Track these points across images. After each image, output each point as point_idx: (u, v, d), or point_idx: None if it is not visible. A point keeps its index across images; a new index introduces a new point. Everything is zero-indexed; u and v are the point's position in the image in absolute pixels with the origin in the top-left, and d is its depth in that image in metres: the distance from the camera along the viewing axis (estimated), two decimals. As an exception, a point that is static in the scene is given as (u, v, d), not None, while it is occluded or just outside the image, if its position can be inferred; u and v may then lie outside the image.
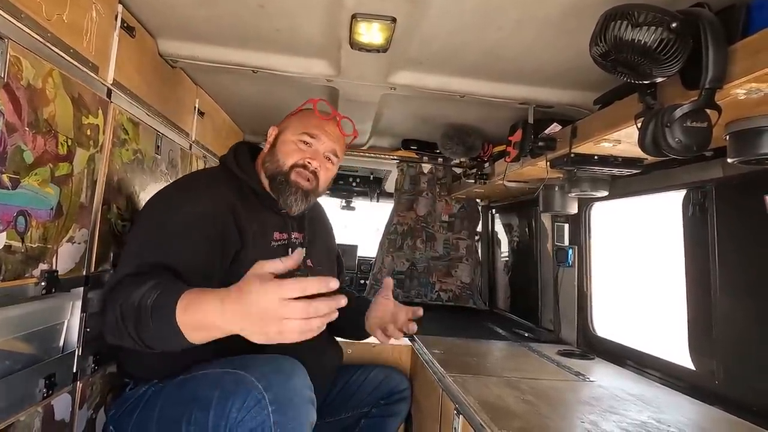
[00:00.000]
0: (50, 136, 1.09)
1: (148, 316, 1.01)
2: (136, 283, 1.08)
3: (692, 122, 0.99)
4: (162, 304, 1.01)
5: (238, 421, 1.08)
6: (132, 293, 1.06)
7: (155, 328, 1.01)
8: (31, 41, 1.00)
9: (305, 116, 1.55)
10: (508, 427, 1.15)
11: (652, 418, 1.32)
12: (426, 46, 1.49)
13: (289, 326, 0.91)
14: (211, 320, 0.98)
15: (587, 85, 1.68)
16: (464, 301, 3.19)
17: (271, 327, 0.92)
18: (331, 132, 1.53)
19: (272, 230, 1.47)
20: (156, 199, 1.38)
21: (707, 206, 1.55)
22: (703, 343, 1.57)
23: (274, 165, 1.49)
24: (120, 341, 1.11)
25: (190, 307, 0.99)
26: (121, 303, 1.07)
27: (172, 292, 1.03)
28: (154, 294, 1.03)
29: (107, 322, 1.10)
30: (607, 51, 0.99)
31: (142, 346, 1.07)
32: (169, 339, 1.02)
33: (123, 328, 1.06)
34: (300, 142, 1.49)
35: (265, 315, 0.92)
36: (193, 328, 1.00)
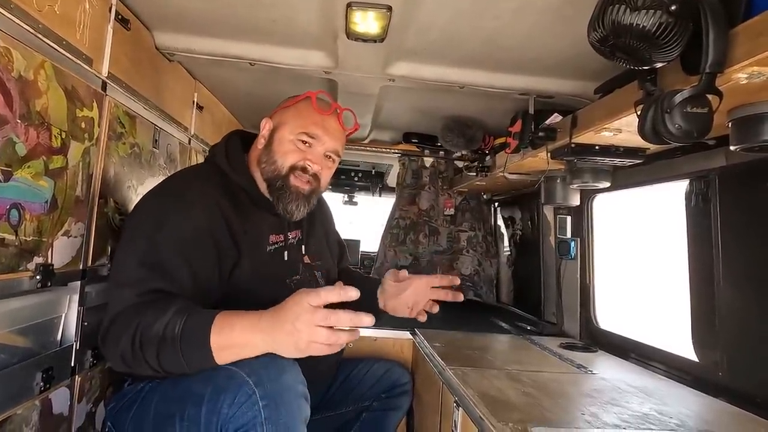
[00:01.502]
0: (43, 128, 1.08)
1: (176, 343, 1.05)
2: (149, 312, 1.09)
3: (692, 108, 0.97)
4: (193, 330, 1.06)
5: (230, 417, 1.07)
6: (149, 323, 1.07)
7: (185, 354, 1.06)
8: (21, 32, 0.99)
9: (303, 111, 1.43)
10: (507, 419, 1.14)
11: (654, 410, 1.31)
12: (423, 35, 1.47)
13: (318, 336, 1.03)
14: (247, 338, 1.07)
15: (588, 74, 1.65)
16: (464, 293, 3.16)
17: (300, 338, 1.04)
18: (332, 129, 1.42)
19: (268, 233, 1.41)
20: (143, 210, 1.30)
21: (710, 196, 1.53)
22: (706, 334, 1.55)
23: (271, 167, 1.39)
24: (132, 369, 1.11)
25: (226, 327, 1.07)
26: (136, 333, 1.07)
27: (203, 317, 1.08)
28: (179, 321, 1.06)
29: (118, 353, 1.09)
30: (606, 36, 0.97)
31: (160, 372, 1.10)
32: (196, 363, 1.08)
33: (140, 358, 1.07)
34: (299, 142, 1.39)
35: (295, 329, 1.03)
36: (227, 348, 1.07)
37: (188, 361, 1.07)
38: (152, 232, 1.20)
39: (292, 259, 1.46)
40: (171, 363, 1.08)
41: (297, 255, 1.49)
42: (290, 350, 1.07)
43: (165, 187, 1.36)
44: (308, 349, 1.06)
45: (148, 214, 1.26)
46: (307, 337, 1.04)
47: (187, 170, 1.49)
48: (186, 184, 1.35)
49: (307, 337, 1.04)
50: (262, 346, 1.08)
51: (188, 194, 1.29)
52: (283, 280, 1.41)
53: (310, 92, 1.45)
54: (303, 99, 1.45)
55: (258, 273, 1.33)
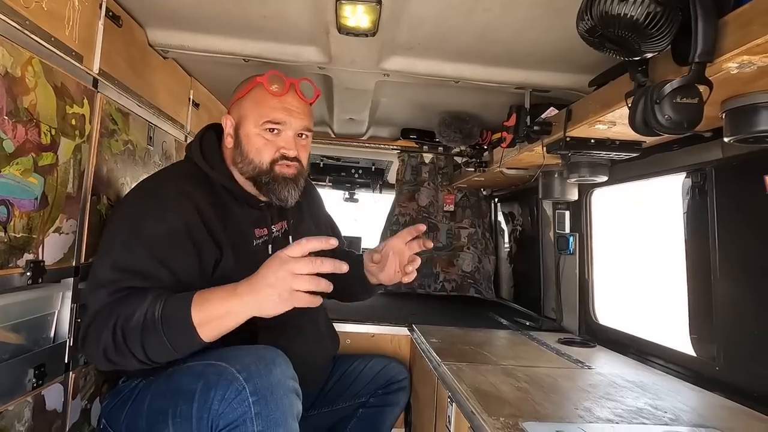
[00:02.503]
0: (32, 125, 1.08)
1: (158, 327, 1.05)
2: (127, 304, 1.09)
3: (682, 98, 0.96)
4: (172, 311, 1.07)
5: (220, 413, 1.07)
6: (129, 313, 1.07)
7: (169, 336, 1.06)
8: (7, 28, 0.99)
9: (260, 98, 1.35)
10: (499, 414, 1.14)
11: (649, 404, 1.30)
12: (415, 29, 1.46)
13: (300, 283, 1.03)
14: (226, 307, 1.06)
15: (583, 67, 1.64)
16: (465, 290, 3.17)
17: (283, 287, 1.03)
18: (294, 108, 1.35)
19: (251, 227, 1.39)
20: (120, 212, 1.28)
21: (707, 189, 1.51)
22: (703, 328, 1.54)
23: (250, 166, 1.35)
24: (116, 364, 1.11)
25: (204, 302, 1.07)
26: (116, 327, 1.06)
27: (180, 297, 1.09)
28: (158, 306, 1.07)
29: (100, 350, 1.08)
30: (594, 26, 0.96)
31: (146, 362, 1.09)
32: (181, 344, 1.08)
33: (124, 350, 1.07)
34: (266, 132, 1.34)
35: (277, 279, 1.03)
36: (208, 322, 1.06)
37: (173, 343, 1.07)
38: (127, 235, 1.19)
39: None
40: (156, 349, 1.07)
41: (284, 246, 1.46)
42: (273, 303, 1.04)
43: (142, 188, 1.33)
44: (291, 298, 1.04)
45: (124, 216, 1.25)
46: (289, 286, 1.03)
47: (166, 169, 1.45)
48: (162, 183, 1.31)
49: (289, 285, 1.03)
50: (243, 310, 1.07)
51: (163, 194, 1.26)
52: None
53: (259, 77, 1.37)
54: (255, 85, 1.37)
55: (243, 267, 1.28)
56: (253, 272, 1.32)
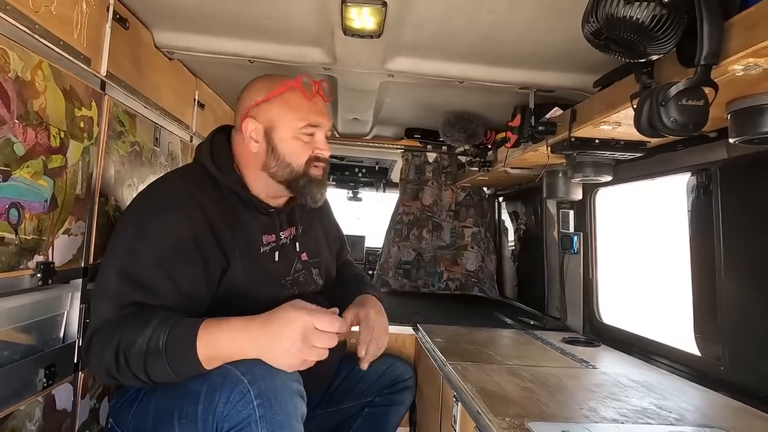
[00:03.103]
0: (41, 128, 1.09)
1: (161, 356, 1.05)
2: (130, 328, 1.07)
3: (688, 100, 0.96)
4: (177, 343, 1.06)
5: (225, 416, 1.08)
6: (132, 339, 1.06)
7: (172, 366, 1.06)
8: (17, 33, 1.00)
9: (295, 102, 1.34)
10: (505, 413, 1.15)
11: (654, 404, 1.30)
12: (420, 30, 1.47)
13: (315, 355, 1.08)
14: (234, 347, 1.08)
15: (588, 67, 1.64)
16: (469, 289, 3.18)
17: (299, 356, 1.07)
18: (324, 109, 1.38)
19: (259, 234, 1.37)
20: (127, 217, 1.26)
21: (712, 189, 1.51)
22: (708, 328, 1.54)
23: (286, 170, 1.34)
24: (118, 381, 1.11)
25: (212, 338, 1.07)
26: (119, 350, 1.06)
27: (186, 329, 1.07)
28: (162, 335, 1.06)
29: (102, 367, 1.08)
30: (599, 29, 0.97)
31: (149, 383, 1.10)
32: (184, 373, 1.08)
33: (127, 371, 1.07)
34: (304, 136, 1.34)
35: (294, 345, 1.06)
36: (213, 358, 1.07)
37: (176, 372, 1.07)
38: (133, 242, 1.17)
39: (287, 258, 1.43)
40: (160, 374, 1.07)
41: (291, 253, 1.46)
42: (282, 362, 1.08)
43: (149, 193, 1.32)
44: (300, 365, 1.09)
45: (131, 223, 1.23)
46: (305, 355, 1.07)
47: (174, 173, 1.43)
48: (170, 189, 1.29)
49: (305, 354, 1.07)
50: (250, 353, 1.08)
51: (171, 201, 1.24)
52: (278, 279, 1.39)
53: (292, 82, 1.35)
54: (287, 90, 1.35)
55: (251, 275, 1.31)
56: (259, 279, 1.34)
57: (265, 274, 1.35)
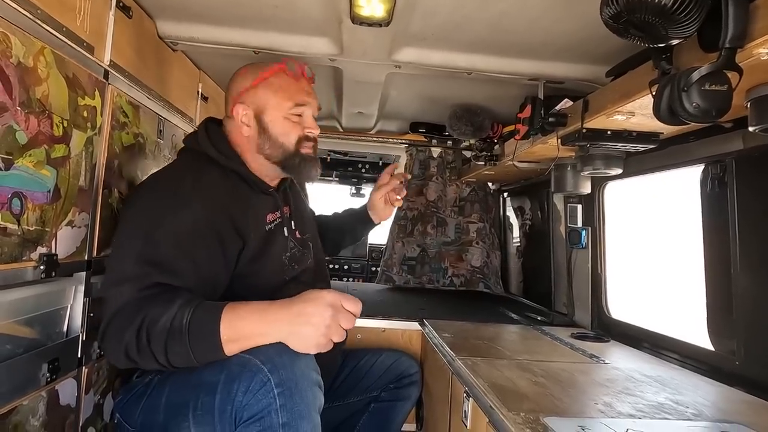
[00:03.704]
0: (44, 116, 1.06)
1: (185, 336, 1.04)
2: (154, 306, 1.07)
3: (711, 85, 0.93)
4: (201, 323, 1.05)
5: (244, 405, 1.06)
6: (155, 317, 1.05)
7: (194, 347, 1.05)
8: (19, 17, 0.98)
9: (282, 84, 1.40)
10: (519, 408, 1.12)
11: (670, 399, 1.28)
12: (429, 18, 1.43)
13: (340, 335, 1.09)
14: (257, 329, 1.08)
15: (599, 57, 1.61)
16: (474, 284, 3.15)
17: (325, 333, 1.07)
18: (309, 89, 1.44)
19: (265, 213, 1.40)
20: (138, 206, 1.25)
21: (727, 181, 1.48)
22: (722, 322, 1.51)
23: (278, 150, 1.39)
24: (136, 363, 1.09)
25: (236, 319, 1.07)
26: (141, 328, 1.05)
27: (211, 310, 1.08)
28: (186, 314, 1.05)
29: (121, 348, 1.07)
30: (619, 12, 0.94)
31: (165, 365, 1.08)
32: (204, 356, 1.07)
33: (147, 352, 1.05)
34: (293, 116, 1.40)
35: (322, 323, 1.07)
36: (236, 340, 1.07)
37: (196, 355, 1.06)
38: (150, 229, 1.17)
39: (289, 235, 1.47)
40: (178, 356, 1.06)
41: (290, 230, 1.49)
42: (307, 343, 1.08)
43: (159, 181, 1.32)
44: (322, 344, 1.08)
45: (143, 211, 1.22)
46: (331, 333, 1.08)
47: (178, 163, 1.45)
48: (178, 176, 1.30)
49: (331, 332, 1.08)
50: (273, 335, 1.08)
51: (184, 187, 1.25)
52: (280, 257, 1.41)
53: (277, 65, 1.41)
54: (272, 74, 1.41)
55: (261, 253, 1.33)
56: (267, 257, 1.36)
57: (269, 252, 1.37)
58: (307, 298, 1.10)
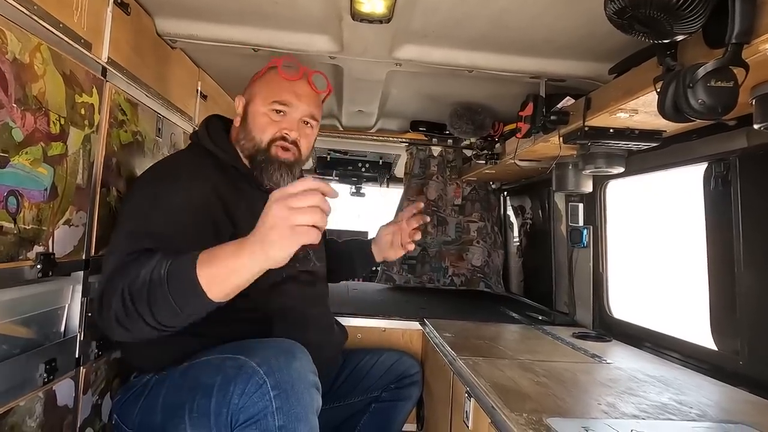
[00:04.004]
0: (41, 113, 1.05)
1: (164, 284, 0.97)
2: (136, 266, 1.03)
3: (717, 82, 0.92)
4: (178, 267, 0.99)
5: (240, 407, 1.05)
6: (136, 274, 1.01)
7: (174, 293, 0.97)
8: (15, 13, 0.96)
9: (272, 80, 1.42)
10: (521, 409, 1.11)
11: (673, 399, 1.27)
12: (430, 15, 1.42)
13: (300, 217, 0.91)
14: (234, 261, 0.96)
15: (601, 55, 1.59)
16: (475, 284, 3.14)
17: (284, 225, 0.91)
18: (303, 93, 1.41)
19: (260, 209, 1.37)
20: (136, 193, 1.27)
21: (730, 179, 1.47)
22: (726, 322, 1.50)
23: (250, 143, 1.39)
24: (129, 331, 1.03)
25: (210, 259, 0.98)
26: (125, 289, 1.00)
27: (187, 256, 1.00)
28: (165, 264, 1.00)
29: (112, 316, 1.02)
30: (624, 7, 0.92)
31: (156, 326, 1.01)
32: (188, 303, 0.99)
33: (133, 312, 0.99)
34: (272, 112, 1.38)
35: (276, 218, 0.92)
36: (215, 279, 0.97)
37: (179, 303, 0.98)
38: (146, 210, 1.18)
39: None
40: (163, 310, 0.99)
41: None
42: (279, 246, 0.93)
43: (156, 170, 1.34)
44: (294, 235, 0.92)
45: (141, 195, 1.24)
46: (290, 222, 0.91)
47: (176, 154, 1.51)
48: (177, 164, 1.35)
49: (290, 221, 0.91)
50: (252, 263, 0.96)
51: (180, 173, 1.28)
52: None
53: (276, 59, 1.44)
54: (270, 69, 1.45)
55: None
56: None
57: None
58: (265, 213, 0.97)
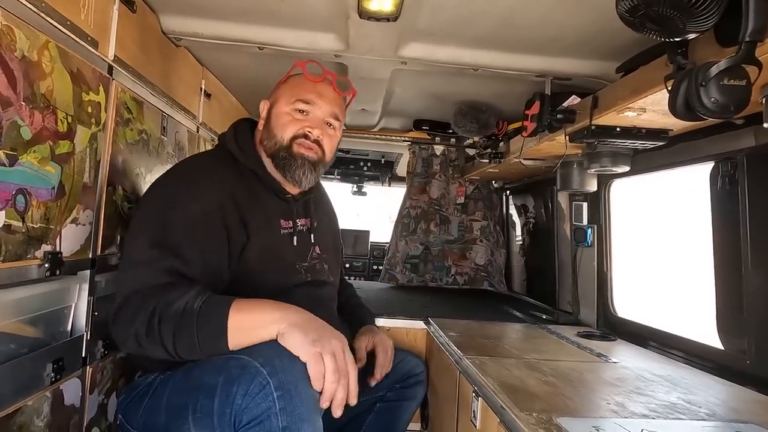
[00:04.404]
0: (49, 111, 1.04)
1: (193, 319, 1.05)
2: (171, 293, 1.09)
3: (729, 80, 0.91)
4: (212, 307, 1.07)
5: (243, 408, 1.03)
6: (171, 301, 1.07)
7: (200, 330, 1.05)
8: (23, 10, 0.96)
9: (296, 82, 1.45)
10: (531, 408, 1.10)
11: (682, 399, 1.26)
12: (437, 13, 1.42)
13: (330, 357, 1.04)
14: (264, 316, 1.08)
15: (608, 53, 1.59)
16: (479, 283, 3.13)
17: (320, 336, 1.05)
18: (326, 94, 1.42)
19: (277, 218, 1.40)
20: (153, 194, 1.30)
21: (738, 178, 1.47)
22: (732, 321, 1.50)
23: (272, 141, 1.40)
24: (142, 348, 1.09)
25: (244, 308, 1.08)
26: (155, 310, 1.06)
27: (223, 298, 1.10)
28: (200, 299, 1.07)
29: (131, 331, 1.08)
30: (637, 5, 0.92)
31: (171, 354, 1.08)
32: (209, 343, 1.06)
33: (156, 336, 1.06)
34: (295, 112, 1.39)
35: (323, 338, 1.05)
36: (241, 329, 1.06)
37: (201, 340, 1.06)
38: (163, 215, 1.20)
39: (302, 246, 1.45)
40: (184, 342, 1.06)
41: (307, 242, 1.48)
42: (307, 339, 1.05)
43: (174, 172, 1.36)
44: (314, 356, 1.04)
45: (158, 198, 1.26)
46: (325, 349, 1.04)
47: (197, 155, 1.55)
48: (195, 167, 1.36)
49: (326, 348, 1.04)
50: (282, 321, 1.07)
51: (197, 177, 1.29)
52: (293, 264, 1.41)
53: (299, 62, 1.45)
54: (293, 72, 1.47)
55: (267, 255, 1.33)
56: (277, 260, 1.37)
57: (281, 256, 1.38)
58: (324, 324, 1.11)
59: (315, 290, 1.48)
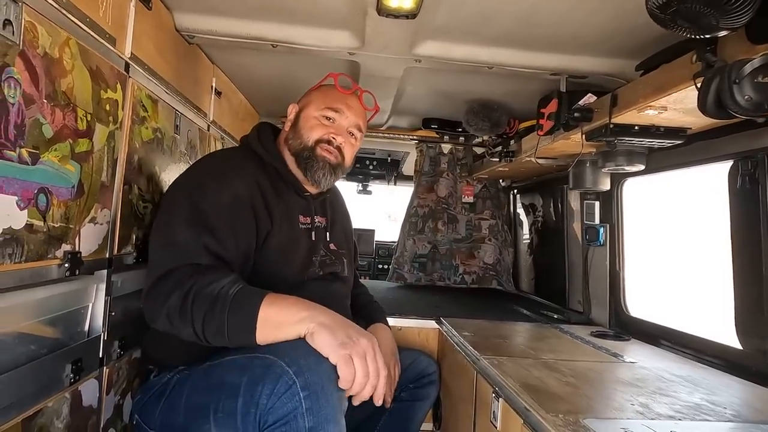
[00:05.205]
0: (69, 109, 1.03)
1: (226, 305, 1.06)
2: (208, 275, 1.11)
3: (764, 78, 0.90)
4: (246, 296, 1.09)
5: (269, 408, 1.02)
6: (209, 282, 1.09)
7: (231, 316, 1.06)
8: (45, 6, 0.94)
9: (327, 91, 1.51)
10: (556, 410, 1.09)
11: (705, 400, 1.25)
12: (456, 11, 1.40)
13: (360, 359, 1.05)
14: (296, 312, 1.09)
15: (626, 51, 1.58)
16: (487, 282, 3.12)
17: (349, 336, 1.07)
18: (353, 106, 1.49)
19: (297, 213, 1.44)
20: (184, 180, 1.33)
21: (758, 177, 1.46)
22: (752, 321, 1.49)
23: (297, 141, 1.45)
24: (173, 326, 1.11)
25: (278, 300, 1.10)
26: (191, 290, 1.08)
27: (257, 289, 1.11)
28: (236, 287, 1.09)
29: (164, 309, 1.09)
30: (668, 2, 0.91)
31: (200, 336, 1.09)
32: (236, 332, 1.07)
33: (188, 314, 1.07)
34: (323, 118, 1.45)
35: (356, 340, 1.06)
36: (270, 322, 1.07)
37: (230, 326, 1.06)
38: (196, 199, 1.23)
39: (319, 241, 1.49)
40: (214, 326, 1.07)
41: (323, 238, 1.52)
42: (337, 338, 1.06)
43: (201, 164, 1.40)
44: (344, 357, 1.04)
45: (189, 184, 1.30)
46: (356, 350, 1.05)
47: (221, 150, 1.61)
48: (223, 158, 1.43)
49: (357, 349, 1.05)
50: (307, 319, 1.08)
51: (226, 168, 1.33)
52: (308, 258, 1.43)
53: (333, 73, 1.52)
54: (325, 81, 1.54)
55: (287, 246, 1.37)
56: (295, 251, 1.40)
57: (298, 250, 1.42)
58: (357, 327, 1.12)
59: (328, 285, 1.50)
